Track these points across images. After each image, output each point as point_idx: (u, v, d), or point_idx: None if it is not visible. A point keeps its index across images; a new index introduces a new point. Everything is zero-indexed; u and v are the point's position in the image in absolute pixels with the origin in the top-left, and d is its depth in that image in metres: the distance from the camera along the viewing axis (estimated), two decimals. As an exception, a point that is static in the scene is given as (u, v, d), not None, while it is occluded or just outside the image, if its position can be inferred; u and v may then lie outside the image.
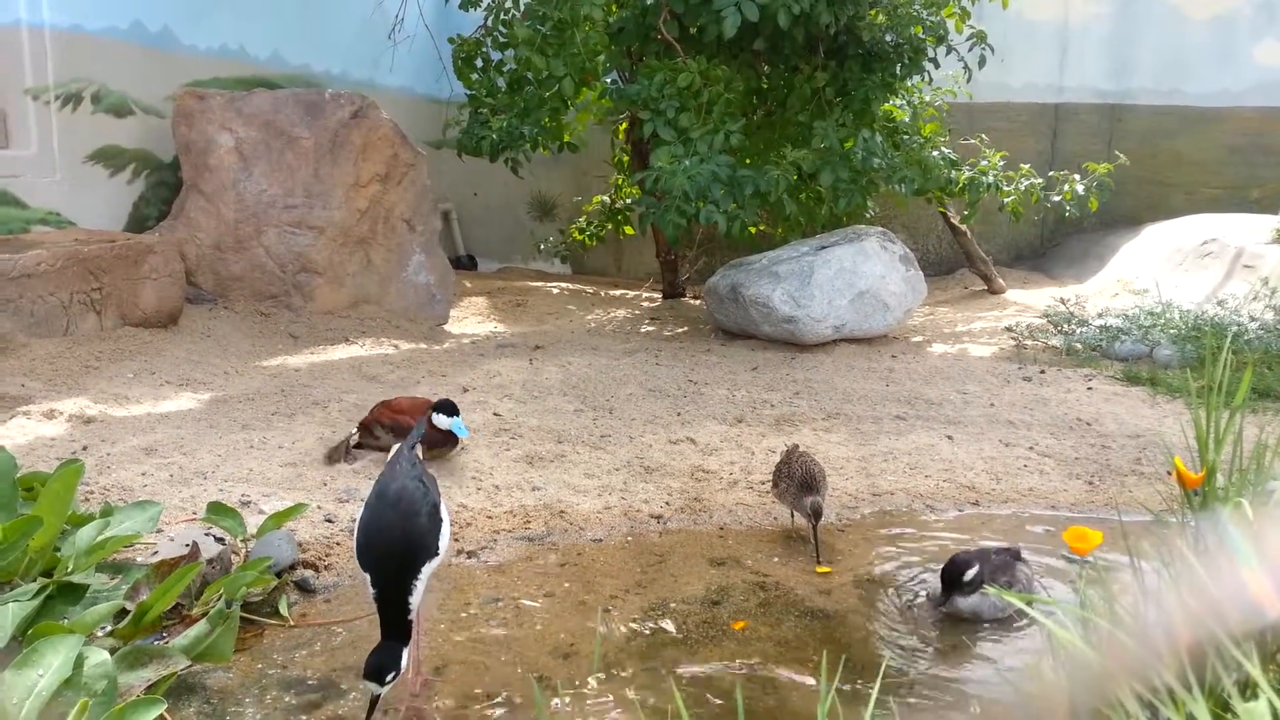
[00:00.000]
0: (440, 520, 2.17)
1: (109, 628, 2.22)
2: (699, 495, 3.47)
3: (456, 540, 3.01)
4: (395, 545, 2.06)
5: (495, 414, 4.31)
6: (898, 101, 7.18)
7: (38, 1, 5.29)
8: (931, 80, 7.04)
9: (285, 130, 5.99)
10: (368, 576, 2.05)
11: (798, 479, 3.07)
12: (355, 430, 3.75)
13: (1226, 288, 6.62)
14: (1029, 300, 7.71)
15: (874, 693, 1.49)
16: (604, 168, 8.87)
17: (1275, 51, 9.12)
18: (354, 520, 3.05)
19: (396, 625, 2.02)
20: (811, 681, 2.25)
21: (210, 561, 2.55)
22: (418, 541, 2.09)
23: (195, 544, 2.55)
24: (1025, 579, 2.66)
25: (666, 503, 3.40)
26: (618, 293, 8.49)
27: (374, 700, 1.96)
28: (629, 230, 8.60)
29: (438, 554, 2.13)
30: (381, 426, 3.65)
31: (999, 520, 3.36)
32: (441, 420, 3.38)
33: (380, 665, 1.96)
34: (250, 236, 5.90)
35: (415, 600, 2.04)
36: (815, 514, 2.96)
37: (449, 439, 3.50)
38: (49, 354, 4.54)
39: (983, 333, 6.63)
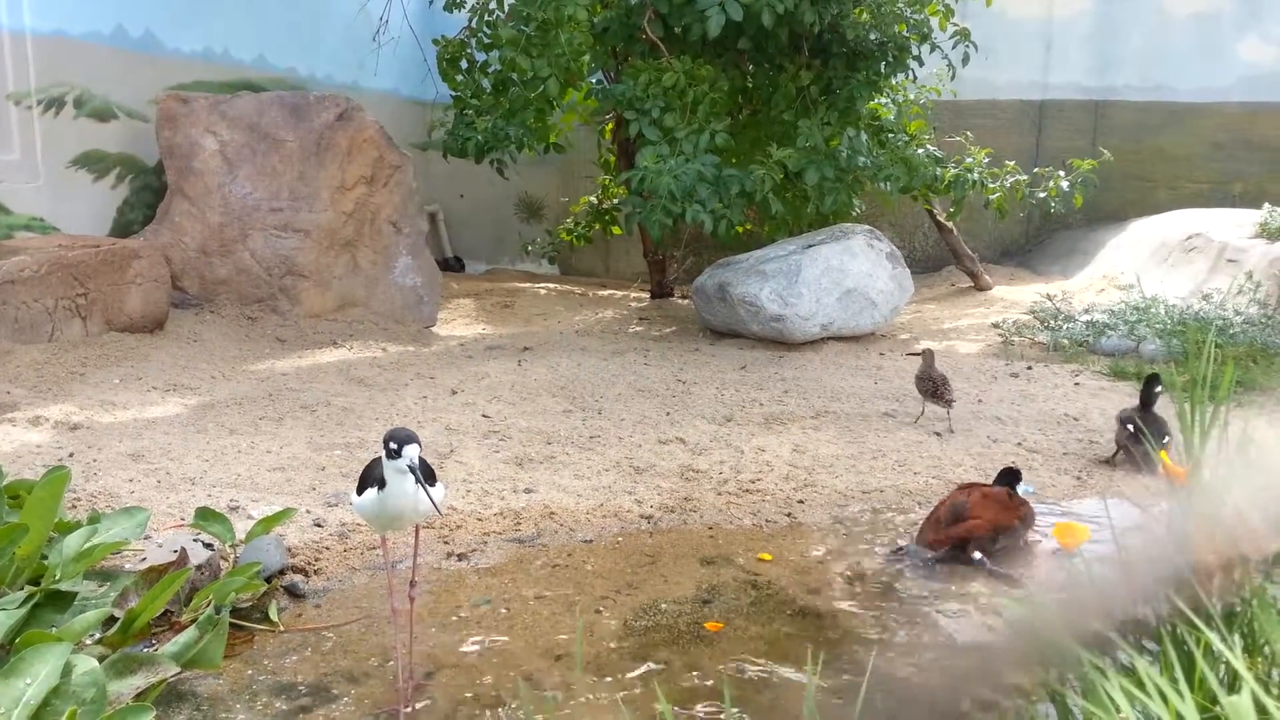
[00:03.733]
0: (435, 478, 2.15)
1: (97, 635, 2.21)
2: (689, 495, 3.47)
3: (446, 543, 3.01)
4: (409, 432, 2.06)
5: (484, 415, 4.31)
6: (883, 100, 7.19)
7: (18, 6, 5.26)
8: (916, 78, 7.06)
9: (270, 133, 5.97)
10: (367, 493, 2.07)
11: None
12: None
13: (1211, 282, 6.66)
14: (1016, 297, 7.74)
15: (862, 688, 1.49)
16: (590, 168, 8.87)
17: (1258, 48, 9.17)
18: (343, 524, 3.04)
19: None
20: (802, 679, 2.25)
21: (199, 567, 2.54)
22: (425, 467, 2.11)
23: (183, 550, 2.54)
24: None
25: (657, 503, 3.40)
26: (606, 293, 8.49)
27: (415, 468, 1.96)
28: (616, 230, 8.60)
29: (434, 484, 2.11)
30: (986, 540, 3.01)
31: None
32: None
33: (405, 429, 1.98)
34: (235, 240, 5.87)
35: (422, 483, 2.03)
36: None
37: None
38: (34, 360, 4.51)
39: (970, 330, 6.65)
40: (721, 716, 2.11)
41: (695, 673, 2.30)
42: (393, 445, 1.95)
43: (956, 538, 2.98)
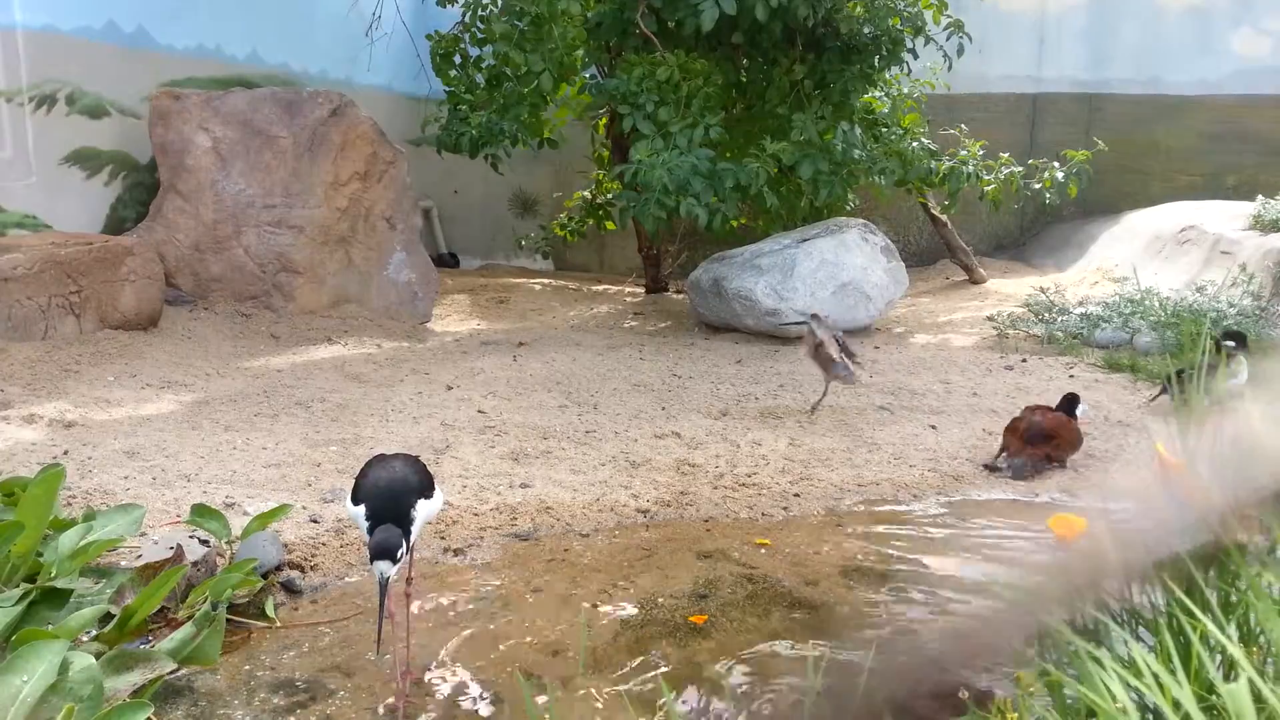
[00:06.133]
0: (433, 484, 2.19)
1: (94, 632, 2.21)
2: (685, 489, 3.48)
3: (443, 539, 3.01)
4: (396, 476, 2.08)
5: (480, 411, 4.30)
6: (877, 93, 7.19)
7: (9, 2, 5.23)
8: (910, 71, 7.05)
9: (263, 129, 5.95)
10: (361, 509, 2.05)
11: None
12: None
13: (1205, 274, 6.67)
14: (1010, 290, 7.75)
15: (863, 677, 1.49)
16: (584, 163, 8.86)
17: (1252, 40, 9.18)
18: (339, 520, 3.04)
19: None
20: (800, 669, 2.26)
21: (195, 564, 2.53)
22: (418, 475, 2.12)
23: (179, 547, 2.53)
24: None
25: (653, 497, 3.40)
26: (600, 288, 8.49)
27: (384, 584, 1.94)
28: (611, 226, 8.59)
29: (432, 494, 2.14)
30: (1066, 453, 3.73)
31: (983, 508, 3.38)
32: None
33: (387, 543, 1.95)
34: (229, 237, 5.86)
35: (412, 530, 2.04)
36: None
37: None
38: (28, 358, 4.50)
39: (964, 323, 6.66)
40: (720, 707, 2.11)
41: (693, 665, 2.30)
42: (370, 553, 1.97)
43: (1044, 455, 3.67)
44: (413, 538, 2.05)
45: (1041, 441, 3.68)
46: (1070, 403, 3.83)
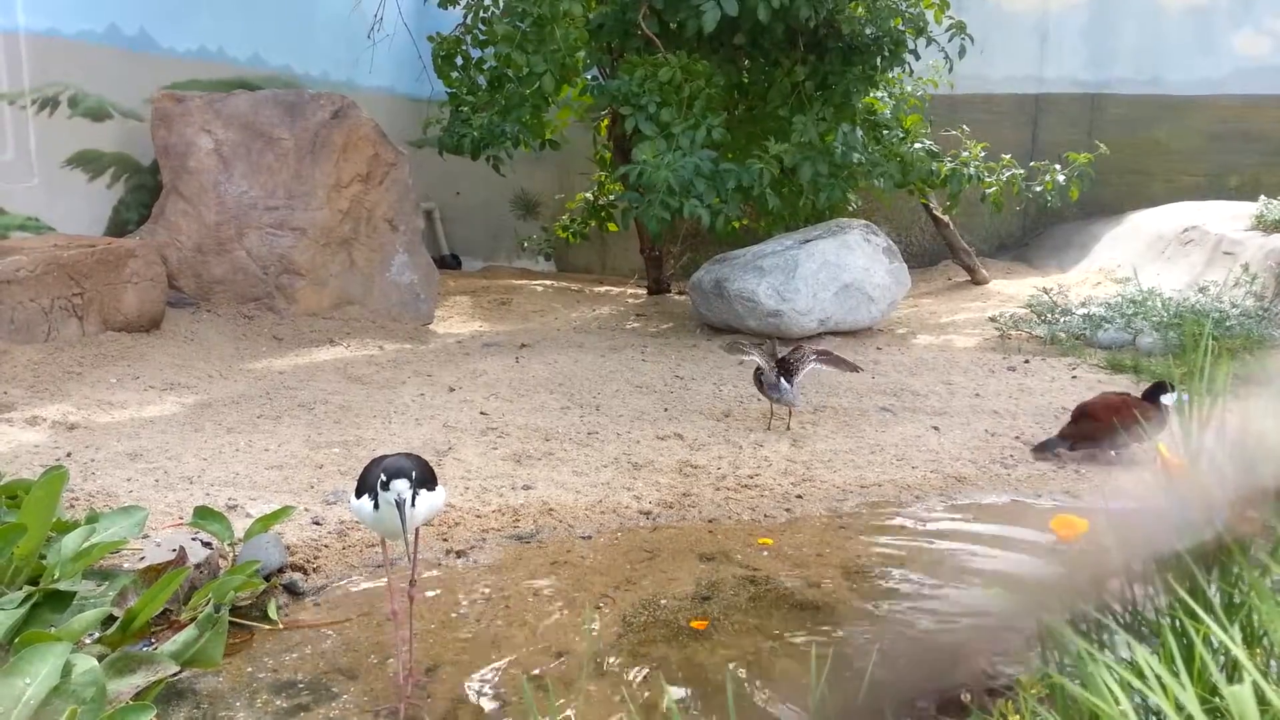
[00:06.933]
0: (436, 480, 2.15)
1: (96, 634, 2.21)
2: (687, 491, 3.47)
3: (445, 540, 3.01)
4: (399, 467, 2.02)
5: (482, 413, 4.30)
6: (879, 94, 7.18)
7: (11, 5, 5.24)
8: (912, 72, 7.05)
9: (265, 131, 5.95)
10: (365, 498, 2.03)
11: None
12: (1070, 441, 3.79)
13: (1207, 275, 6.66)
14: (1012, 290, 7.74)
15: (864, 683, 1.49)
16: (587, 165, 8.86)
17: (1254, 40, 9.18)
18: (342, 522, 3.04)
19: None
20: (803, 671, 2.25)
21: (198, 566, 2.54)
22: (420, 469, 2.07)
23: (182, 549, 2.54)
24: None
25: (655, 499, 3.40)
26: (603, 290, 8.49)
27: (402, 504, 1.93)
28: (613, 227, 8.59)
29: (435, 488, 2.10)
30: (1111, 432, 3.72)
31: (986, 510, 3.38)
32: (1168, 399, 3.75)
33: (399, 464, 1.95)
34: (231, 239, 5.87)
35: (417, 508, 2.00)
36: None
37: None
38: (30, 361, 4.51)
39: (967, 324, 6.65)
40: (724, 708, 2.11)
41: (696, 666, 2.30)
42: (383, 477, 1.96)
43: (1081, 435, 3.76)
44: (416, 521, 2.02)
45: (1078, 419, 3.78)
46: (1157, 389, 3.76)
